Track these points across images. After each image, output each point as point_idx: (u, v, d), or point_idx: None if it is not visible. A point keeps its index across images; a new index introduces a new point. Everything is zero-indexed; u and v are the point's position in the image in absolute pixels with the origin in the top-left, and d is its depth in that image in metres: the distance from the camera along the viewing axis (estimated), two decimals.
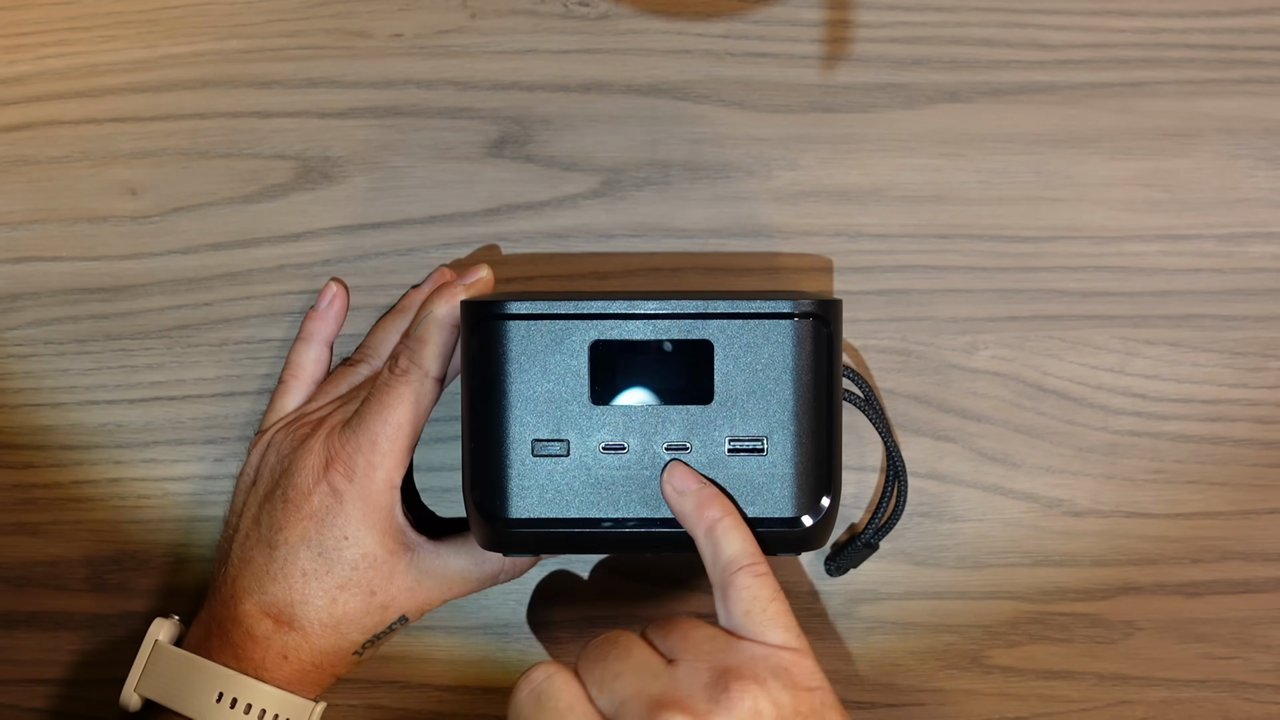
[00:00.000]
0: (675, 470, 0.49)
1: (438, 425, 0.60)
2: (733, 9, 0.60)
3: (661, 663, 0.45)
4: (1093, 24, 0.60)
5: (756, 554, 0.47)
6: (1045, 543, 0.60)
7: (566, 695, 0.44)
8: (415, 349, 0.53)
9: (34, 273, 0.60)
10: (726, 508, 0.48)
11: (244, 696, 0.52)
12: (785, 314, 0.49)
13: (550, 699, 0.44)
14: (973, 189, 0.60)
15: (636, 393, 0.50)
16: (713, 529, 0.48)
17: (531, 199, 0.60)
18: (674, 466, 0.50)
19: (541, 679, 0.44)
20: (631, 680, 0.44)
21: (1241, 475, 0.60)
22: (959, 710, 0.61)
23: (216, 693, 0.52)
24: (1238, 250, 0.60)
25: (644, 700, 0.43)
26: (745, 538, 0.48)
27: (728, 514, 0.48)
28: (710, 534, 0.48)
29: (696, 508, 0.48)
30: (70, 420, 0.60)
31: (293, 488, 0.53)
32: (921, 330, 0.60)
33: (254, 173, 0.60)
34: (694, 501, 0.49)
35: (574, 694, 0.44)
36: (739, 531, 0.48)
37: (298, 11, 0.60)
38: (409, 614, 0.55)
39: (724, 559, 0.47)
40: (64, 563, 0.61)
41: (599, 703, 0.44)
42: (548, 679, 0.44)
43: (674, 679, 0.44)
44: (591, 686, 0.44)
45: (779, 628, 0.46)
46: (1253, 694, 0.61)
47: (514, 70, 0.60)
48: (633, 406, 0.49)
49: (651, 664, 0.44)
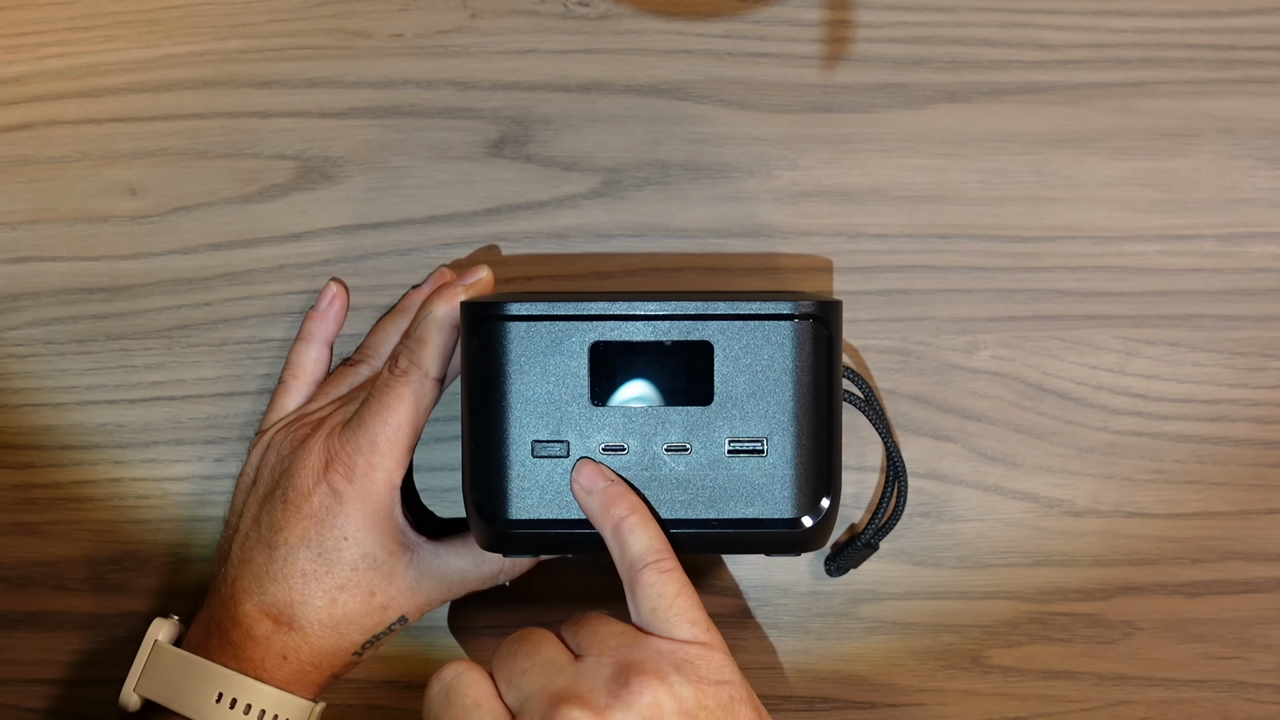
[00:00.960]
0: (583, 468, 0.49)
1: (437, 425, 0.60)
2: (733, 9, 0.60)
3: (568, 658, 0.45)
4: (1093, 24, 0.60)
5: (663, 550, 0.47)
6: (1045, 543, 0.60)
7: (474, 691, 0.45)
8: (415, 349, 0.53)
9: (34, 273, 0.60)
10: (633, 505, 0.48)
11: (243, 697, 0.52)
12: (785, 315, 0.49)
13: (459, 695, 0.45)
14: (973, 189, 0.60)
15: (636, 394, 0.50)
16: (619, 526, 0.48)
17: (531, 199, 0.60)
18: (582, 465, 0.50)
19: (451, 676, 0.45)
20: (537, 675, 0.45)
21: (1241, 475, 0.61)
22: (959, 710, 0.61)
23: (216, 693, 0.52)
24: (1238, 250, 0.60)
25: (546, 695, 0.44)
26: (651, 534, 0.48)
27: (634, 511, 0.48)
28: (617, 531, 0.48)
29: (602, 506, 0.49)
30: (70, 420, 0.60)
31: (293, 488, 0.53)
32: (921, 330, 0.60)
33: (254, 173, 0.60)
34: (600, 500, 0.49)
35: (482, 690, 0.45)
36: (645, 528, 0.48)
37: (298, 11, 0.60)
38: (408, 614, 0.55)
39: (630, 556, 0.47)
40: (64, 563, 0.61)
41: (507, 699, 0.45)
42: (457, 676, 0.45)
43: (577, 674, 0.44)
44: (501, 683, 0.45)
45: (686, 622, 0.46)
46: (1253, 694, 0.61)
47: (514, 70, 0.60)
48: (632, 407, 0.49)
49: (558, 659, 0.45)
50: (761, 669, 0.61)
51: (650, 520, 0.48)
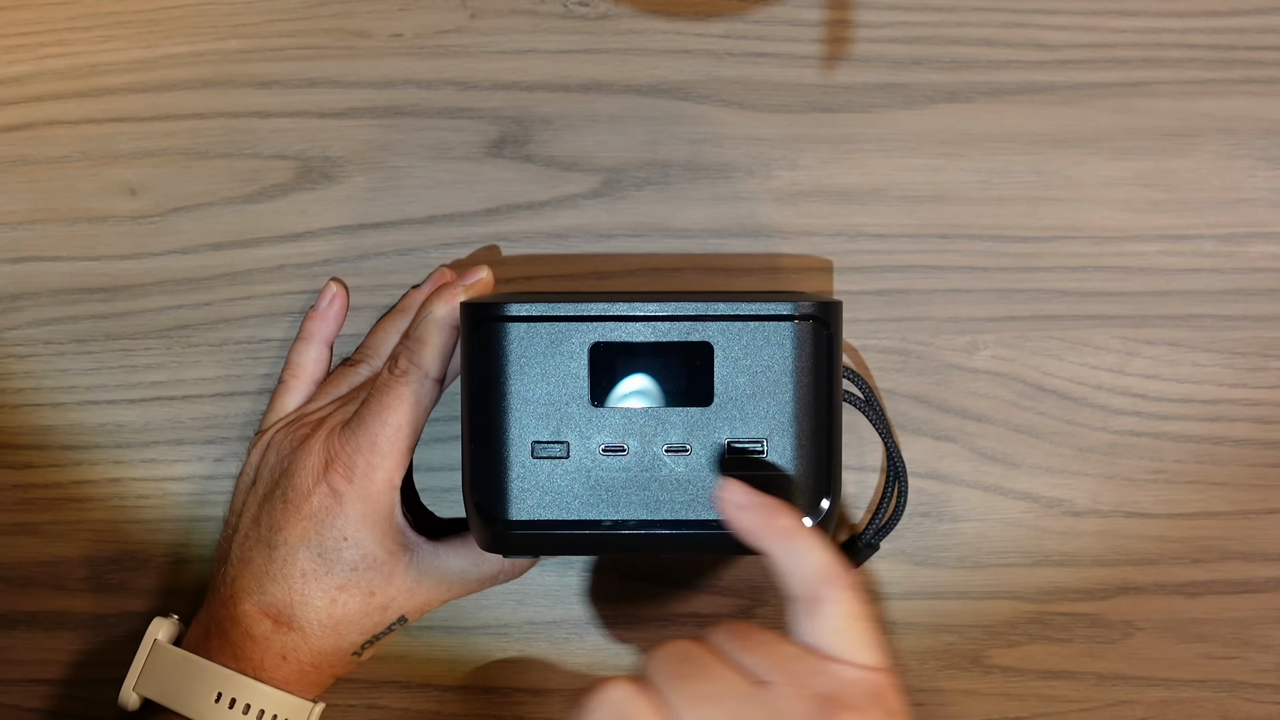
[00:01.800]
0: (732, 485, 0.46)
1: (437, 425, 0.60)
2: (733, 9, 0.60)
3: (753, 687, 0.41)
4: (1093, 24, 0.60)
5: (844, 564, 0.43)
6: (1045, 543, 0.61)
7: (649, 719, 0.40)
8: (415, 350, 0.53)
9: (34, 273, 0.60)
10: (798, 516, 0.45)
11: (243, 697, 0.52)
12: (785, 315, 0.49)
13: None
14: (973, 189, 0.60)
15: (636, 394, 0.49)
16: (791, 537, 0.44)
17: (531, 199, 0.60)
18: (730, 482, 0.46)
19: (621, 699, 0.40)
20: (724, 705, 0.40)
21: (1241, 475, 0.60)
22: (959, 710, 0.61)
23: (215, 693, 0.52)
24: (1238, 250, 0.60)
25: None
26: (829, 546, 0.44)
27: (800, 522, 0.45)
28: (791, 543, 0.44)
29: (767, 518, 0.45)
30: (70, 420, 0.60)
31: (292, 488, 0.53)
32: (921, 330, 0.60)
33: (254, 173, 0.60)
34: (762, 514, 0.45)
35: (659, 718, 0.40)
36: (821, 539, 0.44)
37: (298, 11, 0.60)
38: (408, 615, 0.55)
39: (812, 569, 0.43)
40: (64, 563, 0.61)
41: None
42: (629, 700, 0.40)
43: (773, 709, 0.40)
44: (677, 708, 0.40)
45: (872, 647, 0.43)
46: (1253, 694, 0.61)
47: (514, 70, 0.60)
48: (632, 408, 0.49)
49: (740, 688, 0.41)
50: None
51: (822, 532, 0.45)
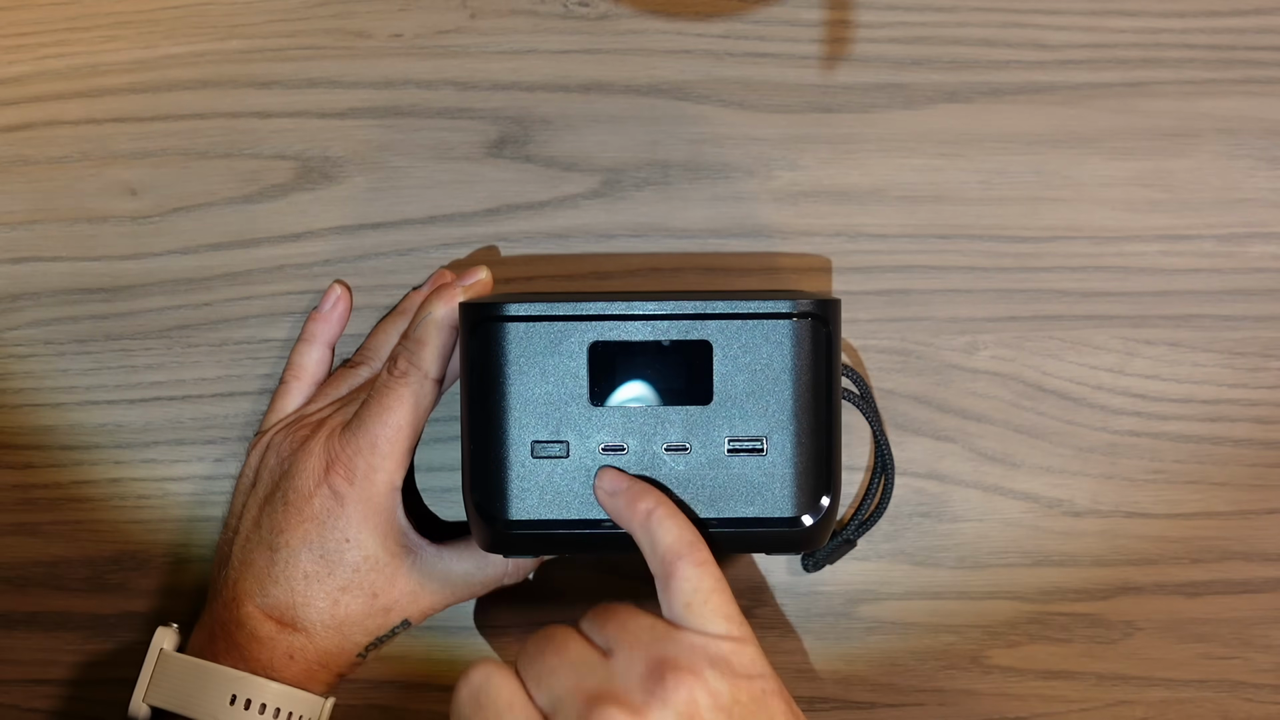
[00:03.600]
0: (605, 474, 0.49)
1: (437, 425, 0.60)
2: (733, 9, 0.60)
3: (598, 656, 0.44)
4: (1093, 24, 0.60)
5: (695, 541, 0.47)
6: (1045, 543, 0.60)
7: (505, 693, 0.44)
8: (414, 350, 0.53)
9: (34, 273, 0.60)
10: (659, 499, 0.48)
11: (257, 697, 0.52)
12: (784, 314, 0.49)
13: (490, 697, 0.44)
14: (973, 189, 0.60)
15: (636, 394, 0.49)
16: (647, 520, 0.47)
17: (531, 199, 0.60)
18: (604, 471, 0.49)
19: (481, 679, 0.44)
20: (568, 675, 0.44)
21: (1241, 475, 0.60)
22: (959, 710, 0.61)
23: (229, 695, 0.52)
24: (1238, 250, 0.60)
25: (580, 695, 0.43)
26: (682, 525, 0.47)
27: (661, 504, 0.48)
28: (646, 525, 0.47)
29: (628, 504, 0.48)
30: (70, 420, 0.60)
31: (293, 490, 0.53)
32: (921, 330, 0.60)
33: (254, 173, 0.60)
34: (625, 499, 0.48)
35: (513, 691, 0.44)
36: (674, 520, 0.47)
37: (298, 11, 0.60)
38: (411, 618, 0.55)
39: (662, 548, 0.47)
40: (64, 563, 0.61)
41: (538, 700, 0.43)
42: (486, 678, 0.44)
43: (610, 672, 0.43)
44: (530, 683, 0.44)
45: (720, 618, 0.45)
46: (1253, 694, 0.61)
47: (514, 70, 0.60)
48: (632, 407, 0.49)
49: (588, 657, 0.44)
50: None
51: (678, 513, 0.48)
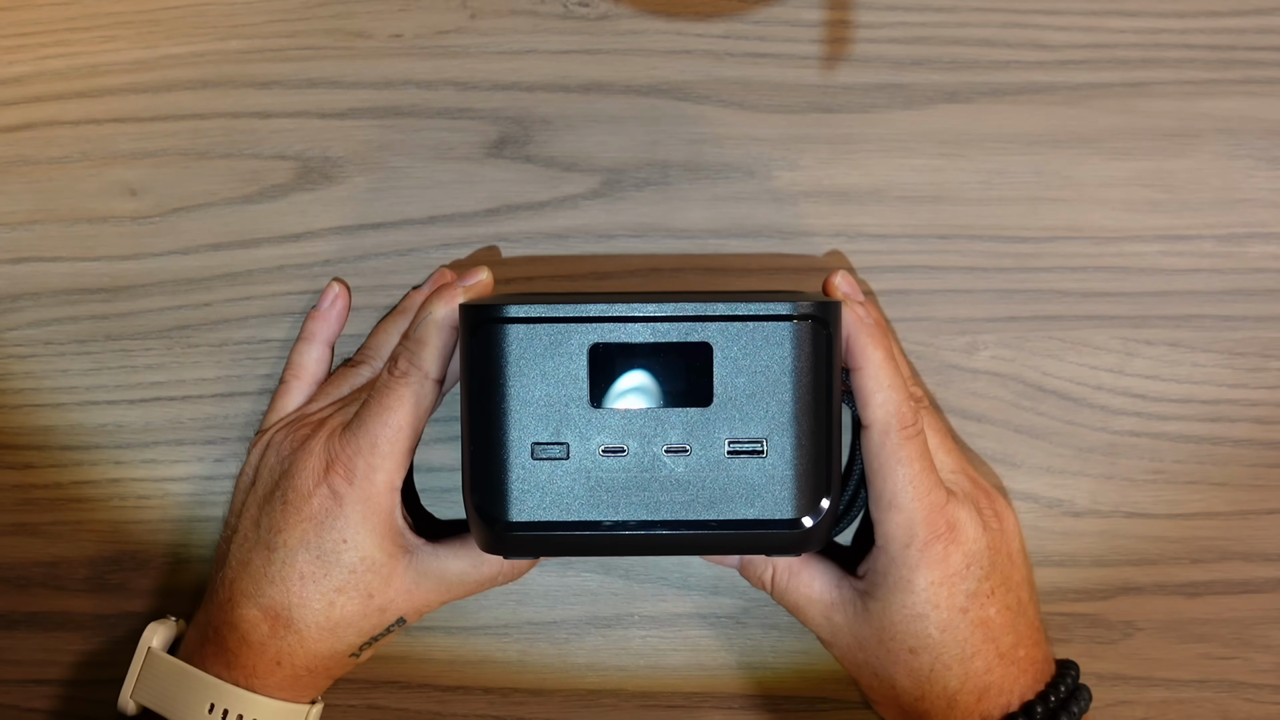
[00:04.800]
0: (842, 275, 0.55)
1: (437, 426, 0.60)
2: (733, 9, 0.60)
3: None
4: (1093, 24, 0.60)
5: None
6: (1045, 543, 0.60)
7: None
8: (414, 351, 0.53)
9: (34, 273, 0.60)
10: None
11: (235, 707, 0.52)
12: (784, 316, 0.49)
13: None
14: (973, 189, 0.60)
15: (636, 395, 0.49)
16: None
17: (531, 199, 0.60)
18: (841, 273, 0.55)
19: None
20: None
21: (1241, 475, 0.60)
22: None
23: (208, 703, 0.52)
24: (1238, 250, 0.60)
25: None
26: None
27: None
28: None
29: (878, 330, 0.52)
30: (70, 420, 0.60)
31: (292, 489, 0.53)
32: (921, 330, 0.60)
33: (254, 173, 0.60)
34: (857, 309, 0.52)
35: None
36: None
37: (298, 11, 0.60)
38: (407, 616, 0.55)
39: None
40: (64, 563, 0.61)
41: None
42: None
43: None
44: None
45: None
46: (1253, 694, 0.61)
47: (514, 70, 0.60)
48: (632, 409, 0.49)
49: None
50: (761, 669, 0.61)
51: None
